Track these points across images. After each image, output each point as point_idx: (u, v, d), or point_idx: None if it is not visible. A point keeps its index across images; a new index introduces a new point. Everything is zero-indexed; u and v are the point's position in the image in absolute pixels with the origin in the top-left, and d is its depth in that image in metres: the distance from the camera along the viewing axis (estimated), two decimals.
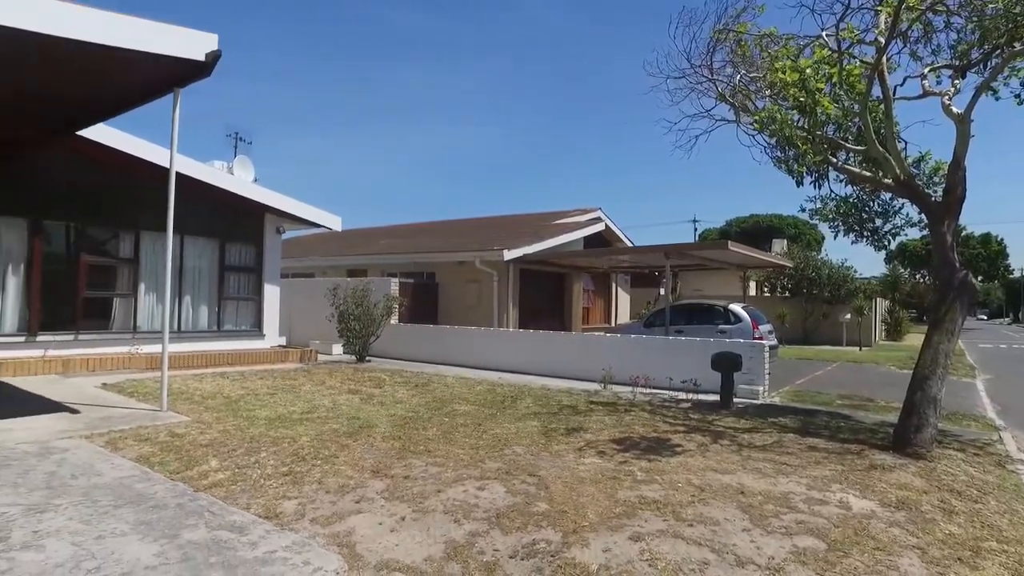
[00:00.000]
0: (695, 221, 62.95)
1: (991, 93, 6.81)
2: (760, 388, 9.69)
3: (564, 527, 3.94)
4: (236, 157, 16.47)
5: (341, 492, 4.51)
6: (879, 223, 8.66)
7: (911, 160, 7.87)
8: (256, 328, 13.68)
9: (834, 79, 6.91)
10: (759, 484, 4.99)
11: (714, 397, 9.06)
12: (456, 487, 4.70)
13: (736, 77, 8.14)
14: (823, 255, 29.81)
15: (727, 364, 8.77)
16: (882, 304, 31.60)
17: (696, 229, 57.33)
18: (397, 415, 7.48)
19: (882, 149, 6.86)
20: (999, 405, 10.18)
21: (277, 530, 3.74)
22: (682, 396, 9.57)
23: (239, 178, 13.82)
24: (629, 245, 22.51)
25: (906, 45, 7.43)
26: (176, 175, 7.35)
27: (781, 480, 5.13)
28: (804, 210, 9.45)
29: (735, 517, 4.22)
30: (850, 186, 8.65)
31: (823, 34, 7.12)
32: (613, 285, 23.72)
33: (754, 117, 7.45)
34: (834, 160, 7.72)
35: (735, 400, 8.97)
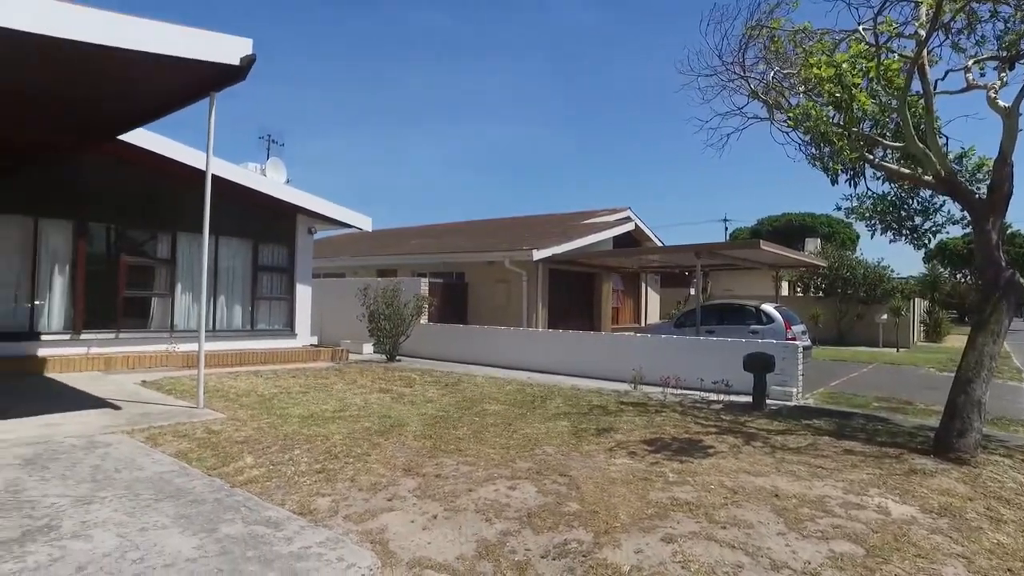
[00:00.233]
0: (725, 220, 62.15)
1: None
2: (793, 390, 9.52)
3: (595, 527, 3.93)
4: (269, 159, 16.78)
5: (373, 490, 4.56)
6: (919, 221, 8.41)
7: (953, 156, 7.64)
8: (288, 327, 13.92)
9: (871, 74, 6.75)
10: (793, 487, 4.90)
11: (746, 398, 8.93)
12: (487, 486, 4.71)
13: (769, 74, 8.01)
14: (858, 254, 29.10)
15: (760, 365, 8.63)
16: (921, 304, 30.73)
17: (727, 228, 56.54)
18: (428, 414, 7.54)
19: (922, 145, 6.67)
20: None
21: (311, 526, 3.80)
22: (713, 397, 9.45)
23: (272, 179, 14.05)
24: (659, 245, 22.32)
25: (948, 37, 7.19)
26: (211, 177, 7.53)
27: (816, 483, 5.03)
28: (839, 208, 9.24)
29: (769, 520, 4.15)
30: (887, 183, 8.44)
31: (859, 28, 6.96)
32: (643, 285, 23.53)
33: (788, 114, 7.32)
34: (870, 157, 7.53)
35: (768, 402, 8.83)
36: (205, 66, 6.61)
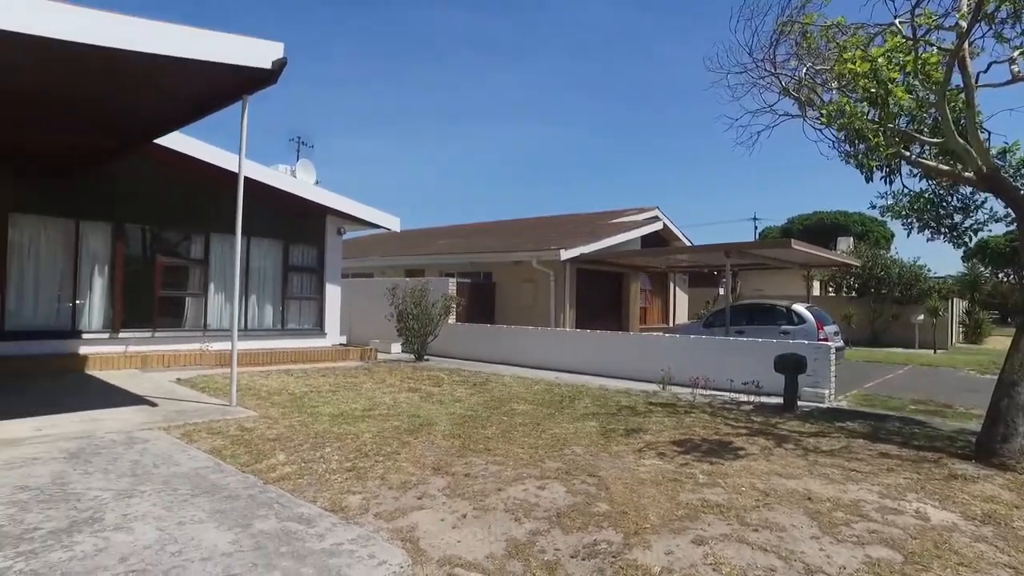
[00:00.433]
0: (755, 219, 61.34)
1: None
2: (826, 391, 9.34)
3: (625, 528, 3.90)
4: (298, 160, 17.05)
5: (403, 488, 4.60)
6: (958, 219, 8.18)
7: (995, 151, 7.40)
8: (318, 327, 14.11)
9: (908, 68, 6.57)
10: (827, 490, 4.81)
11: (777, 400, 8.79)
12: (516, 486, 4.72)
13: (801, 70, 7.86)
14: (892, 253, 28.40)
15: (791, 366, 8.49)
16: (959, 305, 29.88)
17: (756, 227, 55.67)
18: (456, 413, 7.57)
19: (962, 141, 6.47)
20: None
21: (343, 523, 3.85)
22: (743, 398, 9.32)
23: (301, 181, 14.26)
24: (687, 244, 22.09)
25: (991, 27, 6.95)
26: (243, 179, 7.66)
27: (851, 487, 4.93)
28: (874, 207, 9.06)
29: (802, 523, 4.08)
30: (924, 180, 8.22)
31: (896, 21, 6.78)
32: (671, 285, 23.31)
33: (821, 111, 7.17)
34: (907, 154, 7.34)
35: (799, 403, 8.68)
36: (238, 70, 6.74)
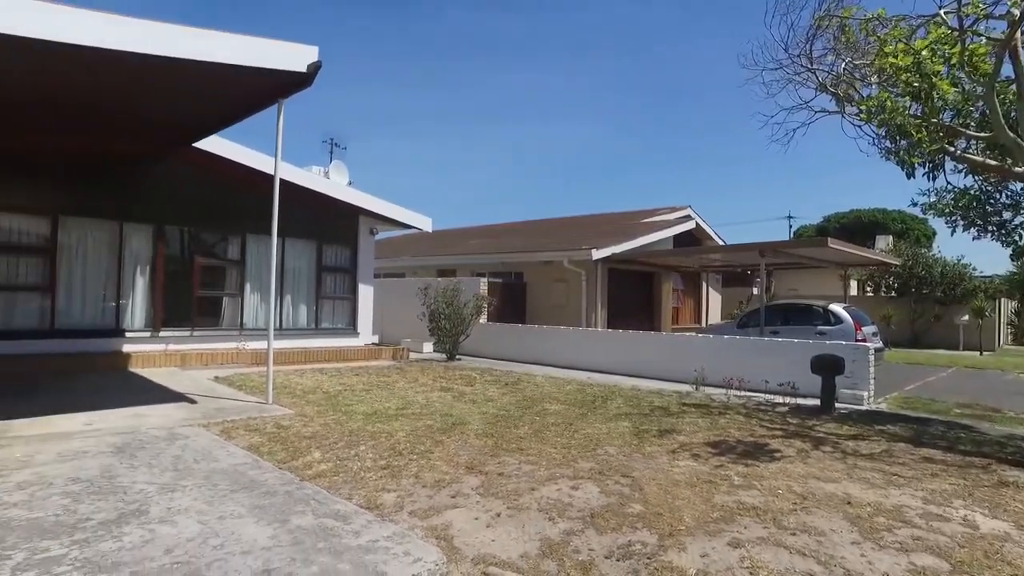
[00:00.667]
0: (790, 218, 60.09)
1: None
2: (864, 393, 9.11)
3: (660, 529, 3.87)
4: (332, 162, 17.26)
5: (437, 487, 4.63)
6: (1007, 216, 7.90)
7: None
8: (351, 326, 14.30)
9: (954, 60, 6.37)
10: (867, 495, 4.69)
11: (813, 401, 8.61)
12: (549, 485, 4.71)
13: (840, 65, 7.69)
14: (934, 251, 27.54)
15: (828, 366, 8.31)
16: (1008, 305, 28.84)
17: (791, 226, 54.51)
18: (489, 413, 7.60)
19: (1012, 135, 6.25)
20: None
21: (378, 520, 3.89)
22: (779, 400, 9.15)
23: (335, 182, 14.46)
24: (720, 243, 21.79)
25: None
26: (278, 181, 7.80)
27: (892, 492, 4.80)
28: (916, 204, 8.80)
29: (842, 528, 3.99)
30: (970, 176, 7.96)
31: (941, 12, 6.58)
32: (704, 284, 23.01)
33: (860, 107, 7.00)
34: (951, 149, 7.12)
35: (837, 405, 8.49)
36: (274, 74, 6.88)
